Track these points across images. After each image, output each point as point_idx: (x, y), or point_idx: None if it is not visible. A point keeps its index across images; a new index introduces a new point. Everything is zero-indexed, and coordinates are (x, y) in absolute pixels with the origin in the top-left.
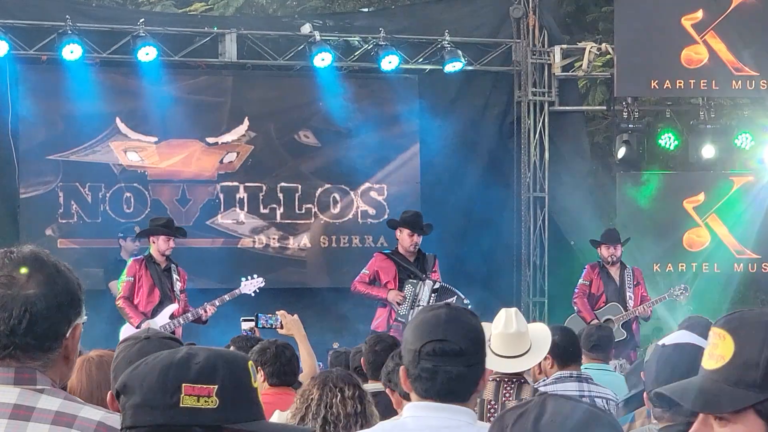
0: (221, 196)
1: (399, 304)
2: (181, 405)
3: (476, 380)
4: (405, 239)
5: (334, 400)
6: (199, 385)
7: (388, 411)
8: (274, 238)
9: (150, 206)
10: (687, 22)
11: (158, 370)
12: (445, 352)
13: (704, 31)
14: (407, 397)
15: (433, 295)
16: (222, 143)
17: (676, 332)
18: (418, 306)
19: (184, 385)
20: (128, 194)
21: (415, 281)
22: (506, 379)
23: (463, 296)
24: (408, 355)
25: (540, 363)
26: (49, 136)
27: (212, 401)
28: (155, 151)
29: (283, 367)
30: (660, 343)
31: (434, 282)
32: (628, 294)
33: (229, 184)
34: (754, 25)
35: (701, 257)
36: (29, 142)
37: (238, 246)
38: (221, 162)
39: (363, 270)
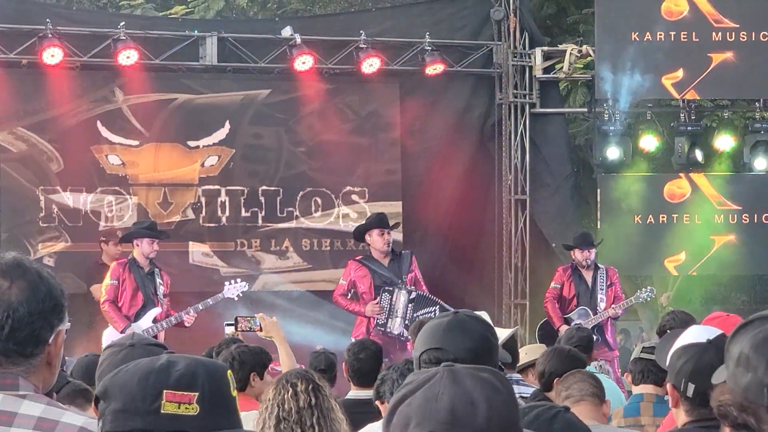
0: (203, 199)
1: (379, 314)
2: (162, 411)
3: None
4: (377, 241)
5: (285, 396)
6: (180, 392)
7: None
8: (255, 242)
9: (132, 210)
10: (668, 82)
11: (138, 376)
12: (439, 361)
13: (685, 90)
14: None
15: (410, 304)
16: (203, 147)
17: (691, 330)
18: (396, 315)
19: (165, 391)
20: (110, 198)
21: (390, 288)
22: None
23: (446, 305)
24: (414, 362)
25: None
26: None
27: (193, 408)
28: (137, 154)
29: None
30: (681, 345)
31: (410, 291)
32: (599, 296)
33: (211, 187)
34: (736, 82)
35: (682, 208)
36: None
37: (223, 250)
38: (202, 166)
39: (340, 281)
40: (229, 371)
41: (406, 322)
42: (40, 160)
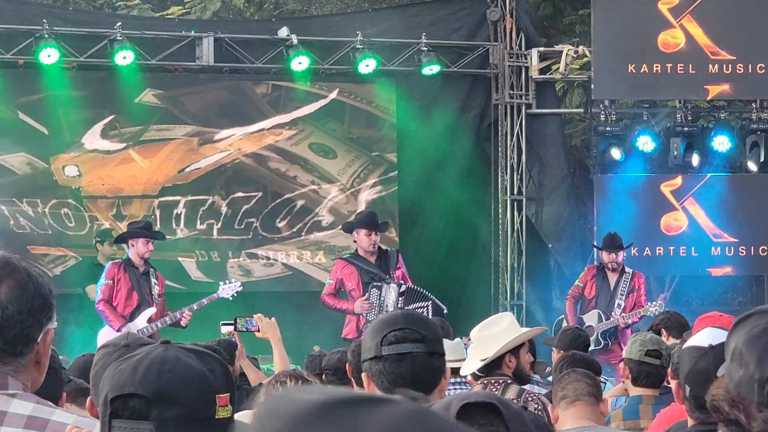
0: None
1: (368, 311)
2: (216, 417)
3: (440, 372)
4: (363, 240)
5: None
6: (223, 395)
7: None
8: (249, 239)
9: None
10: (663, 6)
11: (196, 382)
12: (406, 338)
13: (681, 15)
14: None
15: (400, 298)
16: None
17: (703, 332)
18: (386, 310)
19: (217, 396)
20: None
21: (379, 284)
22: (492, 381)
23: (438, 301)
24: (368, 353)
25: None
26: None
27: (229, 410)
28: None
29: None
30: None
31: (400, 285)
32: (617, 301)
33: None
34: (732, 8)
35: (678, 241)
36: None
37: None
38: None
39: (327, 280)
40: None
41: None
42: None
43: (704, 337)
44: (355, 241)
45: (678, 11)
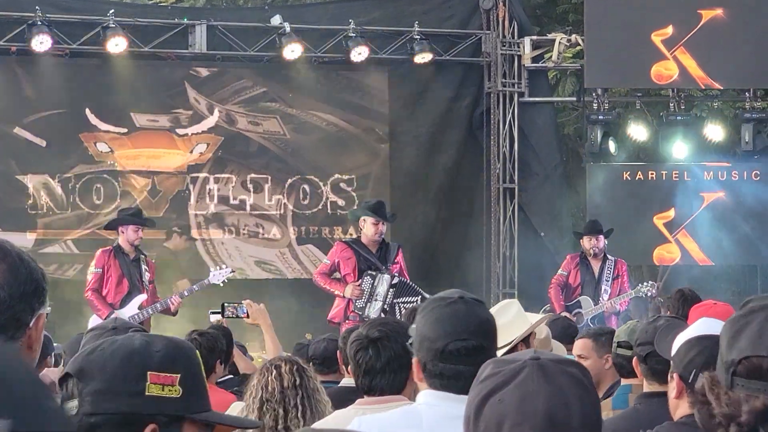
0: (191, 187)
1: (358, 297)
2: (146, 393)
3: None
4: (369, 228)
5: (269, 378)
6: (164, 374)
7: None
8: (244, 229)
9: (120, 197)
10: (657, 38)
11: (120, 356)
12: (469, 351)
13: (674, 47)
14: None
15: (391, 289)
16: (192, 134)
17: (701, 322)
18: (375, 300)
19: (149, 372)
20: (98, 185)
21: (374, 273)
22: None
23: (426, 294)
24: (428, 353)
25: None
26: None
27: (176, 390)
28: (126, 142)
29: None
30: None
31: (393, 276)
32: (603, 287)
33: (200, 175)
34: (725, 39)
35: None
36: None
37: (210, 237)
38: (191, 153)
39: (324, 260)
40: (197, 351)
41: (385, 307)
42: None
43: (705, 326)
44: (360, 229)
45: (671, 43)
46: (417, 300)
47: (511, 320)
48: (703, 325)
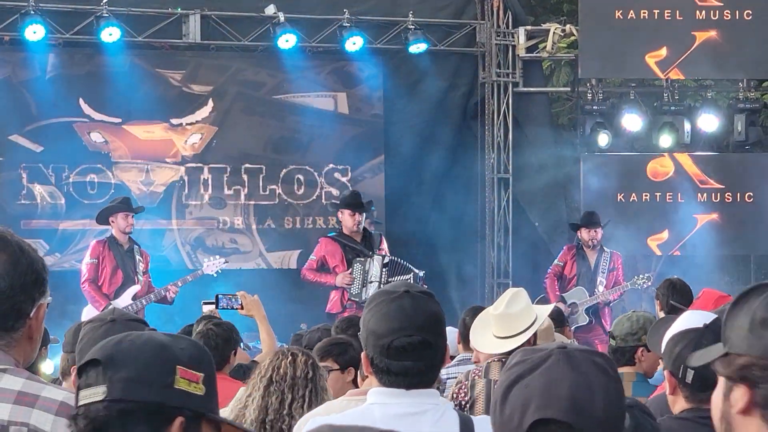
0: (185, 177)
1: (349, 285)
2: (174, 386)
3: (441, 365)
4: (347, 220)
5: (284, 362)
6: (191, 371)
7: None
8: (238, 219)
9: (114, 188)
10: (651, 60)
11: (152, 347)
12: (414, 347)
13: (668, 69)
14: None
15: (384, 269)
16: (186, 124)
17: (685, 316)
18: (371, 282)
19: (178, 367)
20: (92, 176)
21: (362, 259)
22: None
23: (417, 271)
24: (374, 348)
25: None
26: (11, 117)
27: (200, 388)
28: (119, 131)
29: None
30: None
31: (383, 257)
32: (599, 278)
33: (194, 165)
34: (719, 61)
35: (665, 187)
36: None
37: (204, 227)
38: (185, 143)
39: (310, 257)
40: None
41: (382, 286)
42: None
43: (690, 320)
44: (339, 222)
45: (665, 65)
46: (410, 277)
47: (522, 310)
48: (688, 319)
